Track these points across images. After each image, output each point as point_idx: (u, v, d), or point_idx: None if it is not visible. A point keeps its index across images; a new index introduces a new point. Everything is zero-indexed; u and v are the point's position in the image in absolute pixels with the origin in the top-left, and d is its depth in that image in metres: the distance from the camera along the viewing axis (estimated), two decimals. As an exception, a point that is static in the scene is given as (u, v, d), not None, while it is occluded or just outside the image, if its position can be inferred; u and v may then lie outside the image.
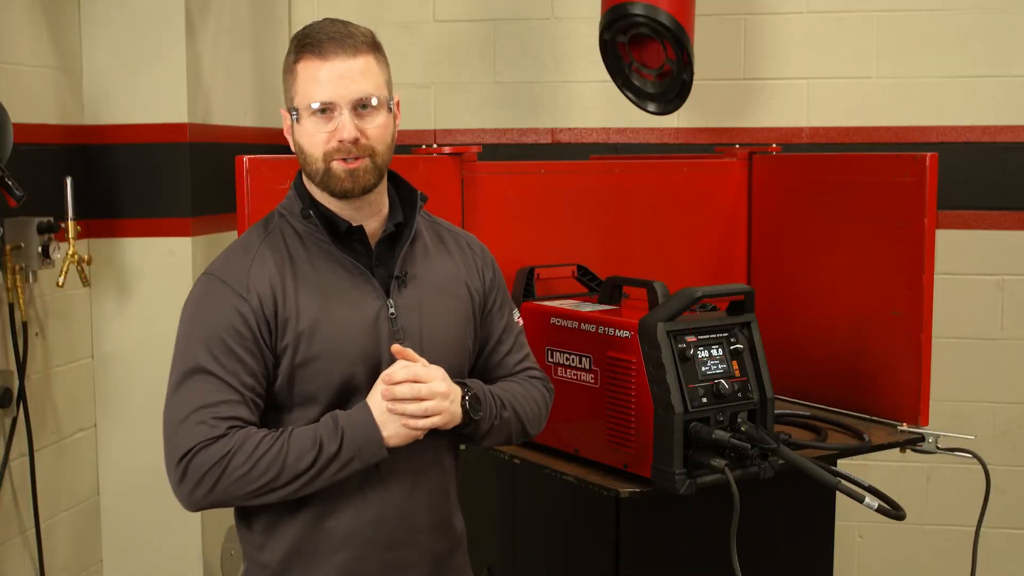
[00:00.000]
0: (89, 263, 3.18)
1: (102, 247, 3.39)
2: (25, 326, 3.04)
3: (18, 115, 2.92)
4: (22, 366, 3.03)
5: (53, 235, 3.05)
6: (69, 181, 3.08)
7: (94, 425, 3.47)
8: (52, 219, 3.05)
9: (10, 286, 3.00)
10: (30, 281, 3.06)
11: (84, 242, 3.29)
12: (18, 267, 3.00)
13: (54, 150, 3.23)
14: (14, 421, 3.05)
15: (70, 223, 3.09)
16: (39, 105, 3.17)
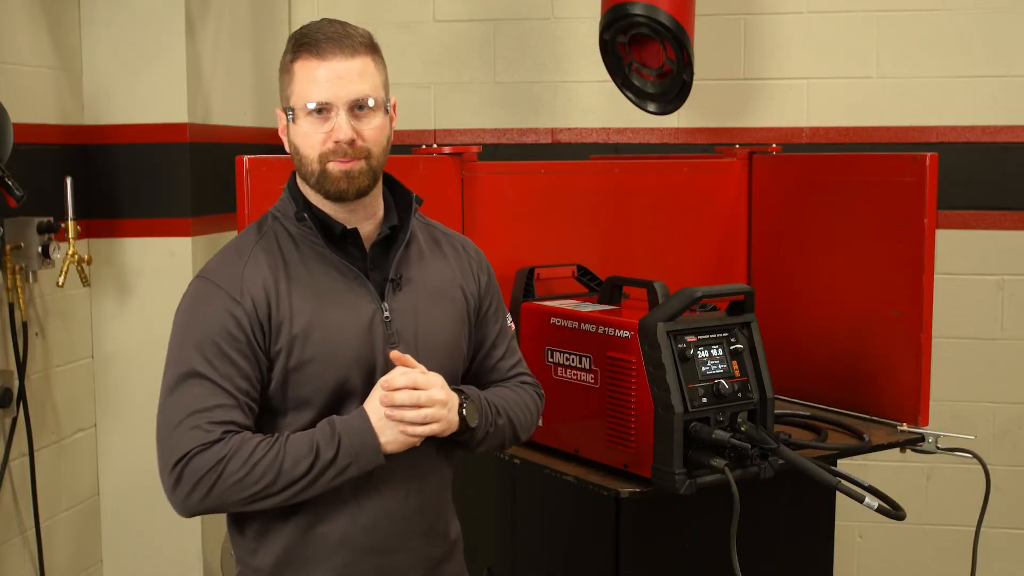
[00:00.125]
0: (89, 263, 3.18)
1: (102, 247, 3.39)
2: (25, 326, 3.04)
3: (18, 115, 2.92)
4: (22, 366, 3.03)
5: (53, 235, 3.05)
6: (69, 181, 3.08)
7: (94, 425, 3.47)
8: (52, 219, 3.05)
9: (10, 286, 3.00)
10: (30, 281, 3.06)
11: (84, 242, 3.29)
12: (18, 267, 3.00)
13: (54, 150, 3.23)
14: (14, 421, 3.05)
15: (70, 223, 3.09)
16: (39, 105, 3.17)
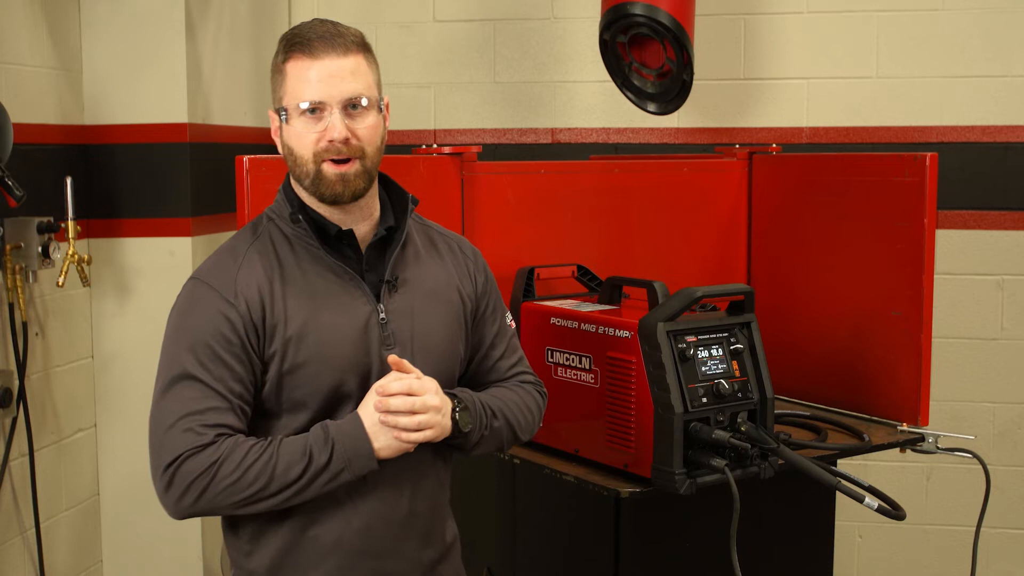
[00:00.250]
0: (89, 263, 3.17)
1: (102, 247, 3.39)
2: (25, 326, 3.04)
3: (18, 115, 2.92)
4: (22, 366, 3.03)
5: (53, 235, 3.04)
6: (69, 181, 3.08)
7: (94, 425, 3.47)
8: (52, 219, 3.05)
9: (10, 286, 3.00)
10: (30, 281, 3.06)
11: (84, 242, 3.29)
12: (18, 267, 3.00)
13: (54, 150, 3.23)
14: (14, 421, 3.05)
15: (70, 223, 3.08)
16: (39, 105, 3.17)
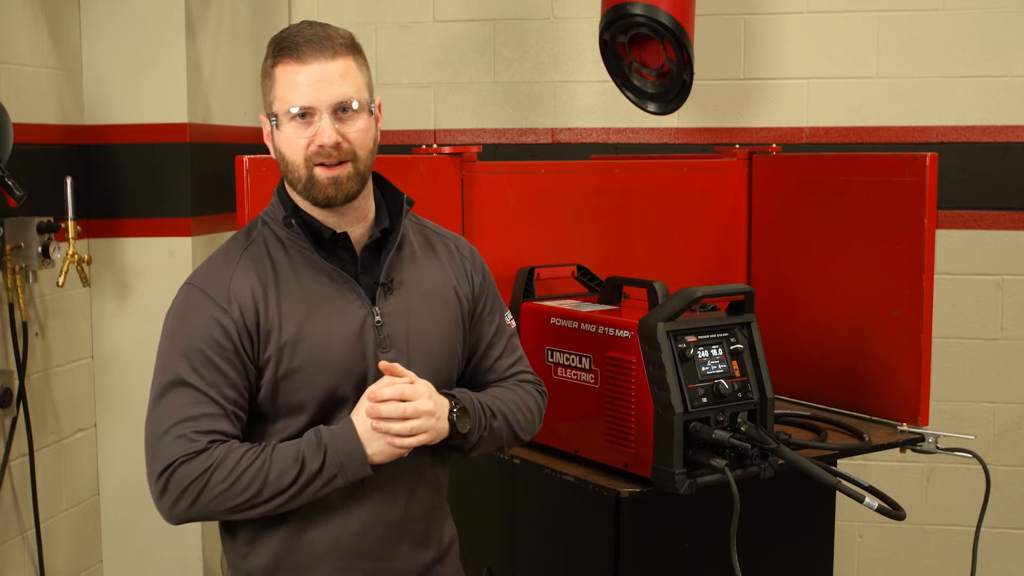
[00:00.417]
0: (89, 263, 3.17)
1: (102, 247, 3.39)
2: (25, 326, 3.04)
3: (18, 115, 2.92)
4: (22, 366, 3.03)
5: (53, 235, 3.04)
6: (69, 181, 3.08)
7: (94, 425, 3.47)
8: (52, 219, 3.05)
9: (10, 286, 3.00)
10: (30, 281, 3.06)
11: (84, 242, 3.29)
12: (18, 267, 3.00)
13: (54, 150, 3.23)
14: (14, 421, 3.05)
15: (70, 223, 3.08)
16: (39, 105, 3.17)
